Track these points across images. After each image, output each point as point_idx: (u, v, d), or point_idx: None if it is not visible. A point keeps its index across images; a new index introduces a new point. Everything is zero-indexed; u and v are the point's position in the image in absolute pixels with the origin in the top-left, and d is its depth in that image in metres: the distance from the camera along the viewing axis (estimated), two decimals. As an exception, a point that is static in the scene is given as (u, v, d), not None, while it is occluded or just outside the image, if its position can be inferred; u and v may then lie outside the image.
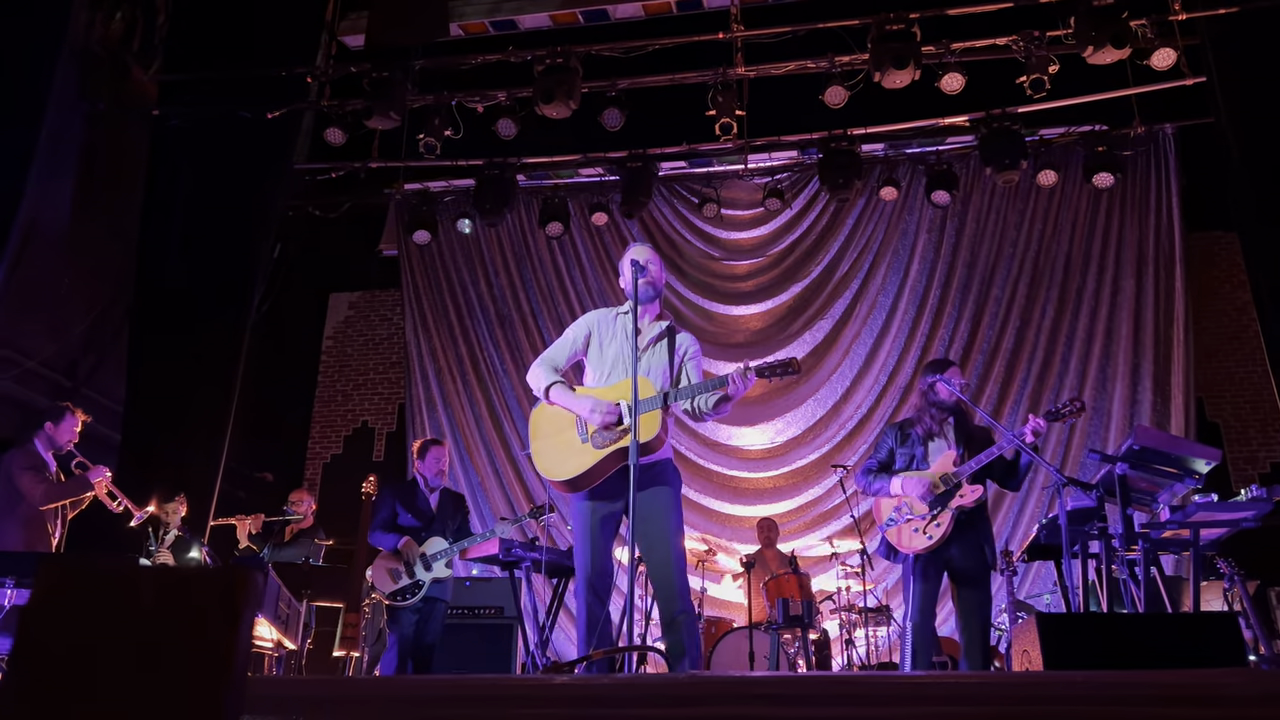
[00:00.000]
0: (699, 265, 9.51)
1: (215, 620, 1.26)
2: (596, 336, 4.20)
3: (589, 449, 3.91)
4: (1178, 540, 5.07)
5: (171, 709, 1.25)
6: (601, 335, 4.18)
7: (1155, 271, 8.51)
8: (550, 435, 4.04)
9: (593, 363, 4.19)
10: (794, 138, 8.88)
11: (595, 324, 4.24)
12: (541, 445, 4.06)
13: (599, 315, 4.28)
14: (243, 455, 8.37)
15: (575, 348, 4.22)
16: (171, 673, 1.25)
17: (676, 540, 3.91)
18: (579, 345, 4.22)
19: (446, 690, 2.32)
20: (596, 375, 4.14)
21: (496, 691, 2.27)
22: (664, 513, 3.91)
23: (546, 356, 4.21)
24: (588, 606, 3.90)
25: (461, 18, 8.89)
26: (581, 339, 4.22)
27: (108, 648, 1.27)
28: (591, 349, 4.20)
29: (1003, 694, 2.15)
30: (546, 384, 4.09)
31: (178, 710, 1.25)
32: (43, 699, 1.25)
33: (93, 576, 1.32)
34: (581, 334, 4.23)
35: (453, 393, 9.52)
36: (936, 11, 7.79)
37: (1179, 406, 8.19)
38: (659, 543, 3.87)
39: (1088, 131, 8.51)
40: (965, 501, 4.72)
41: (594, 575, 3.91)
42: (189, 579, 1.34)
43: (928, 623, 4.76)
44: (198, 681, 1.24)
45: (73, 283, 8.07)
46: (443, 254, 9.80)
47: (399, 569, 6.01)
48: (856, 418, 8.91)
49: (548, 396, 4.08)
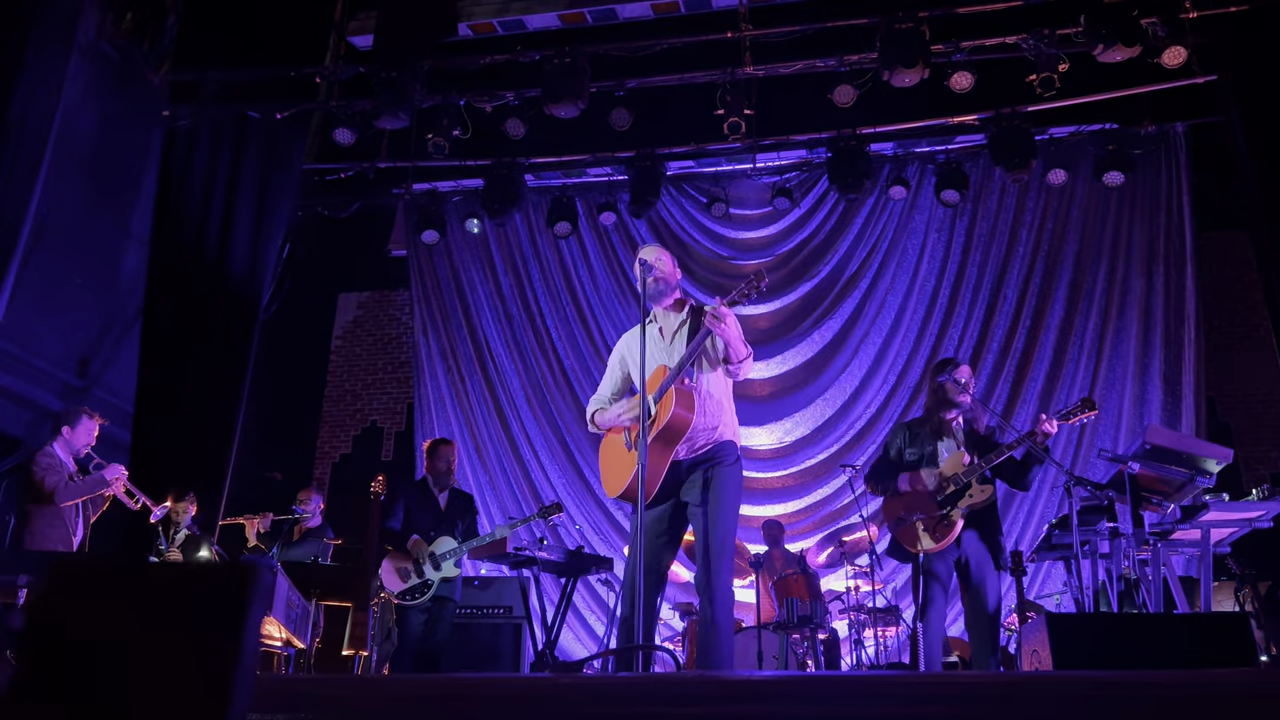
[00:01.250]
0: (707, 264, 9.51)
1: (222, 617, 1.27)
2: (630, 357, 4.24)
3: (634, 455, 3.91)
4: (1189, 540, 5.05)
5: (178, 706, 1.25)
6: (632, 354, 4.21)
7: (1166, 270, 8.47)
8: (609, 458, 4.15)
9: (637, 380, 4.22)
10: (803, 137, 8.86)
11: (625, 347, 4.31)
12: (605, 472, 4.18)
13: (626, 337, 4.35)
14: (252, 455, 8.39)
15: (616, 377, 4.31)
16: (178, 670, 1.26)
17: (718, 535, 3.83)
18: (618, 375, 4.31)
19: (455, 690, 2.32)
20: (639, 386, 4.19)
21: (505, 691, 2.27)
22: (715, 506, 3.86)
23: (596, 395, 4.34)
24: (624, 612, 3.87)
25: (470, 18, 8.90)
26: (618, 367, 4.31)
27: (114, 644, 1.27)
28: (631, 371, 4.25)
29: (1012, 694, 2.14)
30: (590, 412, 4.25)
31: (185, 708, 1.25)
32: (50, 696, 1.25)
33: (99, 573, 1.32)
34: (617, 362, 4.32)
35: (461, 392, 9.53)
36: (946, 10, 7.75)
37: (1190, 406, 8.15)
38: (699, 540, 3.89)
39: (1098, 130, 8.47)
40: (975, 502, 4.71)
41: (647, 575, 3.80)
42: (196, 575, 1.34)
43: (938, 623, 4.75)
44: (205, 679, 1.24)
45: (83, 282, 8.11)
46: (451, 254, 9.81)
47: (408, 568, 6.02)
48: (866, 417, 8.89)
49: (593, 423, 4.22)
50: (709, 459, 3.92)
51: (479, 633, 6.91)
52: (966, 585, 4.80)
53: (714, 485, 3.88)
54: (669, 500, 3.96)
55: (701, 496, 3.87)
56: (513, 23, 8.92)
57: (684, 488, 3.93)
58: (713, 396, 3.97)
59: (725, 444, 3.97)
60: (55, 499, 5.86)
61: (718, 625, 3.78)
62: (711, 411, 3.92)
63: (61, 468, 6.00)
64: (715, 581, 3.81)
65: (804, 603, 6.41)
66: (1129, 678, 2.20)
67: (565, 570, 6.49)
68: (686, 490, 3.93)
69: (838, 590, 7.29)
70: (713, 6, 8.63)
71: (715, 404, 3.96)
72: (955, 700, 2.08)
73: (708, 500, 3.86)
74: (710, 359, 4.01)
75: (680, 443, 3.82)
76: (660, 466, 3.83)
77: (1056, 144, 8.58)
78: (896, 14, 7.58)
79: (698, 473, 3.92)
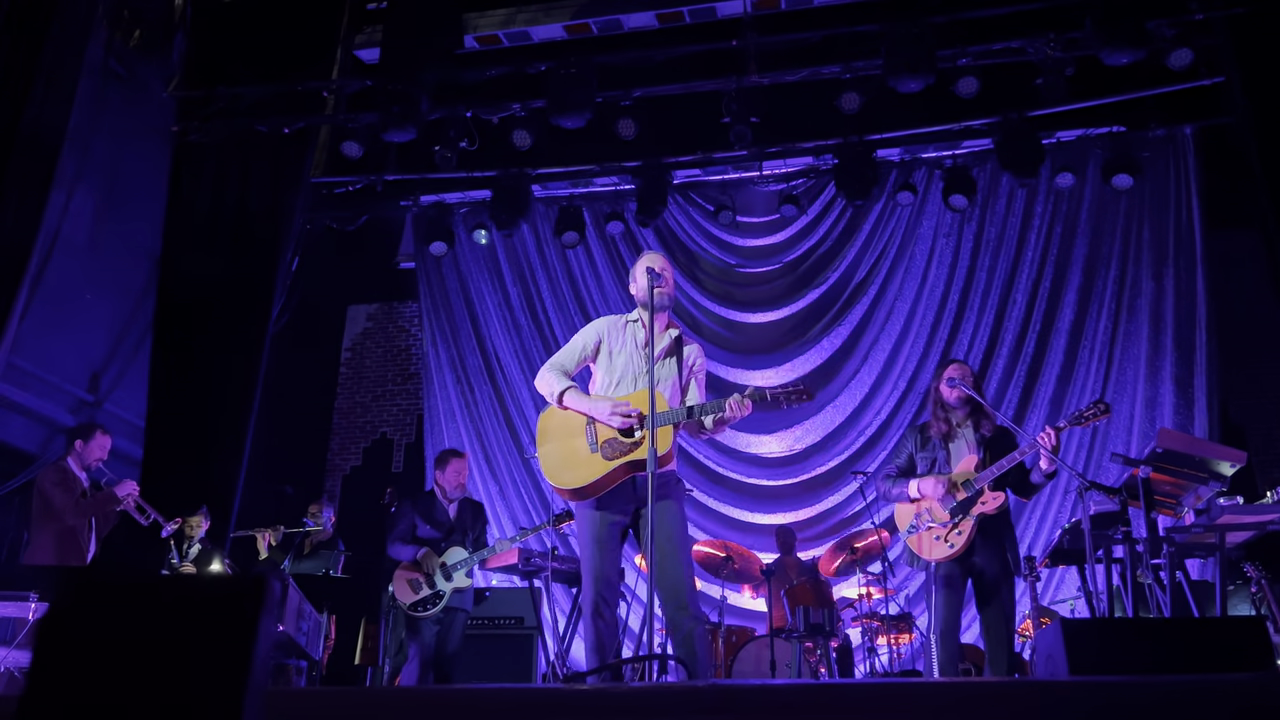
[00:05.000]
0: (715, 273, 9.50)
1: (233, 630, 1.26)
2: (607, 344, 4.17)
3: (597, 459, 3.89)
4: (1203, 544, 5.02)
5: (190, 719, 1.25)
6: (612, 342, 4.16)
7: (1176, 273, 8.43)
8: (558, 440, 4.01)
9: (601, 369, 4.16)
10: (809, 144, 8.85)
11: (605, 330, 4.20)
12: (548, 450, 4.03)
13: (609, 322, 4.25)
14: (263, 468, 8.41)
15: (585, 353, 4.19)
16: (190, 683, 1.26)
17: (685, 553, 3.92)
18: (589, 351, 4.19)
19: (467, 701, 2.31)
20: (605, 383, 4.12)
21: (518, 701, 2.27)
22: (675, 525, 3.91)
23: (555, 361, 4.18)
24: (594, 615, 3.88)
25: (475, 30, 8.93)
26: (592, 345, 4.19)
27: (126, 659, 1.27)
28: (601, 356, 4.17)
29: (1027, 701, 2.13)
30: (560, 389, 4.06)
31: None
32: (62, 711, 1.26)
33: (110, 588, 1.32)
34: (591, 340, 4.19)
35: (471, 403, 9.54)
36: (951, 15, 7.75)
37: (1202, 409, 8.10)
38: (670, 555, 3.86)
39: (1105, 133, 8.45)
40: (987, 508, 4.68)
41: (602, 584, 3.90)
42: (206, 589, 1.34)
43: (952, 631, 4.72)
44: (216, 692, 1.24)
45: (94, 297, 8.16)
46: (459, 265, 9.83)
47: (419, 579, 6.02)
48: (876, 424, 8.87)
49: (560, 401, 4.05)
50: (663, 478, 3.92)
51: (491, 643, 6.90)
52: (980, 592, 4.77)
53: (676, 503, 3.95)
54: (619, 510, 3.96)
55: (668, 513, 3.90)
56: (518, 34, 8.95)
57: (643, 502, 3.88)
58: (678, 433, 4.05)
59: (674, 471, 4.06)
60: (67, 516, 5.89)
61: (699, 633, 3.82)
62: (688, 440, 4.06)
63: (73, 484, 6.03)
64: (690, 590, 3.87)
65: (816, 610, 6.39)
66: (1144, 683, 2.18)
67: (576, 580, 6.48)
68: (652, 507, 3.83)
69: (850, 597, 7.26)
70: (717, 15, 8.63)
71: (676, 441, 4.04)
72: (969, 708, 2.07)
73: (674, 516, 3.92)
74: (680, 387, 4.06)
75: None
76: (616, 478, 3.88)
77: (1064, 147, 8.55)
78: (902, 19, 7.58)
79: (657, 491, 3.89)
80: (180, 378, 7.99)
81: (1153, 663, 2.82)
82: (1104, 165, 8.39)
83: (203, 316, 8.11)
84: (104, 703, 1.26)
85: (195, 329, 8.10)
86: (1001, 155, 8.26)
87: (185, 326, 8.11)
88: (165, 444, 7.82)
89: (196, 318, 8.12)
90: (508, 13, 8.92)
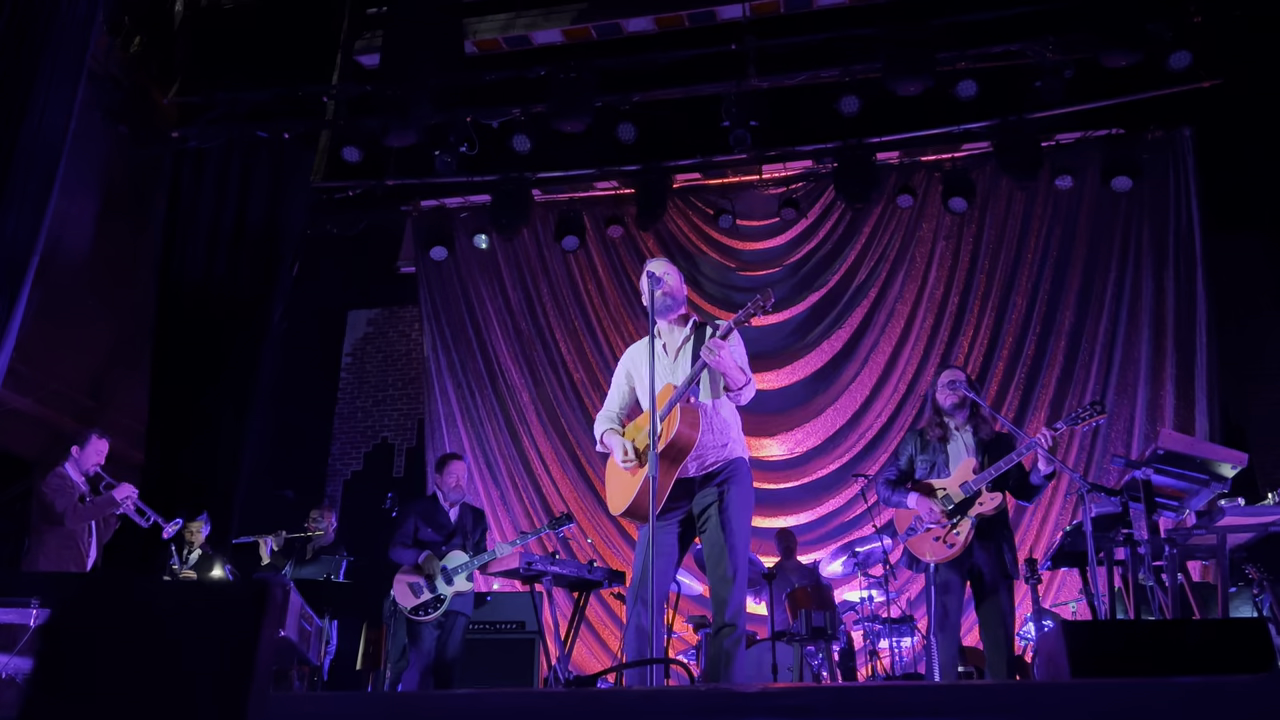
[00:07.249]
0: (715, 277, 9.50)
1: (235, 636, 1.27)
2: (635, 372, 4.25)
3: (638, 473, 3.95)
4: (1205, 546, 5.01)
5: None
6: (638, 368, 4.22)
7: (1176, 274, 8.42)
8: (614, 477, 4.15)
9: (642, 395, 4.22)
10: (808, 147, 8.86)
11: (631, 360, 4.30)
12: (610, 489, 4.19)
13: (633, 349, 4.35)
14: (264, 473, 8.41)
15: (623, 391, 4.30)
16: (192, 689, 1.26)
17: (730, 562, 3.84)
18: (625, 389, 4.30)
19: (468, 705, 2.31)
20: (646, 404, 4.17)
21: (518, 706, 2.27)
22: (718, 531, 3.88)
23: (603, 410, 4.32)
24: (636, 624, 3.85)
25: (475, 34, 8.94)
26: (624, 382, 4.30)
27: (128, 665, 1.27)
28: (637, 386, 4.25)
29: (1028, 703, 2.12)
30: (599, 432, 4.23)
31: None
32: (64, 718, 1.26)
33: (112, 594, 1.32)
34: (623, 376, 4.31)
35: (471, 407, 9.54)
36: (950, 18, 7.75)
37: (1203, 410, 8.09)
38: (714, 565, 3.87)
39: (1104, 136, 8.46)
40: (985, 510, 4.69)
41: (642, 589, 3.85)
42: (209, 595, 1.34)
43: (952, 633, 4.73)
44: (218, 698, 1.24)
45: (95, 303, 8.16)
46: (460, 269, 9.83)
47: (420, 583, 6.01)
48: (876, 426, 8.87)
49: (601, 442, 4.21)
50: (721, 474, 3.95)
51: (492, 648, 6.90)
52: (980, 594, 4.77)
53: (728, 499, 3.91)
54: (675, 517, 3.96)
55: (717, 510, 3.89)
56: (518, 39, 8.96)
57: (696, 500, 3.95)
58: (719, 414, 3.99)
59: (736, 460, 4.00)
60: (66, 520, 5.88)
61: (738, 638, 3.80)
62: (719, 429, 3.96)
63: (72, 489, 6.03)
64: (733, 593, 3.83)
65: (817, 614, 6.37)
66: (1146, 685, 2.18)
67: (578, 584, 6.47)
68: (699, 502, 3.93)
69: (852, 600, 7.25)
70: (717, 19, 8.64)
71: (722, 421, 3.99)
72: (971, 710, 2.07)
73: (723, 513, 3.89)
74: (714, 378, 4.03)
75: (689, 459, 3.84)
76: (666, 484, 3.85)
77: (1063, 150, 8.55)
78: (901, 23, 7.58)
79: (710, 487, 3.94)
80: (181, 382, 7.99)
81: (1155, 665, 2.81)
82: (1103, 167, 8.39)
83: (203, 322, 8.11)
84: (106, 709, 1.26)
85: (196, 334, 8.10)
86: (1001, 158, 8.27)
87: (186, 332, 8.12)
88: (167, 449, 7.82)
89: (197, 323, 8.12)
90: (507, 17, 8.94)
